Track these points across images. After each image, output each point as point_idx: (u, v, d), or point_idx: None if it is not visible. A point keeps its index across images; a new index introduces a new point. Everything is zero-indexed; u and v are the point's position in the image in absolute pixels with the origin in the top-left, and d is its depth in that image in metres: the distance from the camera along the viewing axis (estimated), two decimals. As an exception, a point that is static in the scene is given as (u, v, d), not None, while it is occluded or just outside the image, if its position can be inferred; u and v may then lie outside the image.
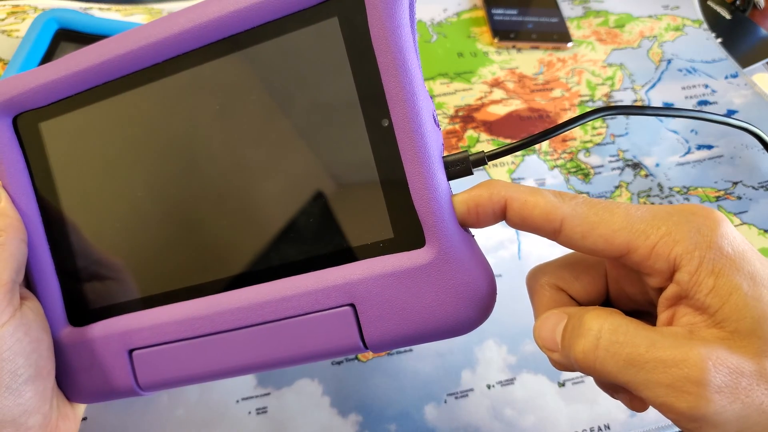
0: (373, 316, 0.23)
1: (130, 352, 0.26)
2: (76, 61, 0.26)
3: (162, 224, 0.26)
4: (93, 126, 0.26)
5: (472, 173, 0.24)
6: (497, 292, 0.24)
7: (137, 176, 0.26)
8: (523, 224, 0.22)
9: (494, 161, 0.44)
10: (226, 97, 0.25)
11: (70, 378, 0.27)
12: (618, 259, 0.21)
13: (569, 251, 0.24)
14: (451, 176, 0.23)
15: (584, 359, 0.21)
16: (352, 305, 0.23)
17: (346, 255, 0.24)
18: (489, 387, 0.35)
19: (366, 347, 0.24)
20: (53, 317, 0.27)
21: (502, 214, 0.23)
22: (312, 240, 0.24)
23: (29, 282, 0.27)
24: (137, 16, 0.50)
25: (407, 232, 0.23)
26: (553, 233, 0.22)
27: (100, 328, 0.26)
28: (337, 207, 0.24)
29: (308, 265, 0.24)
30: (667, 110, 0.25)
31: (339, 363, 0.35)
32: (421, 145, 0.22)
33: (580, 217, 0.21)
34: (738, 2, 0.60)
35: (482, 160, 0.24)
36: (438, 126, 0.24)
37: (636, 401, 0.22)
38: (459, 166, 0.23)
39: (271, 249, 0.25)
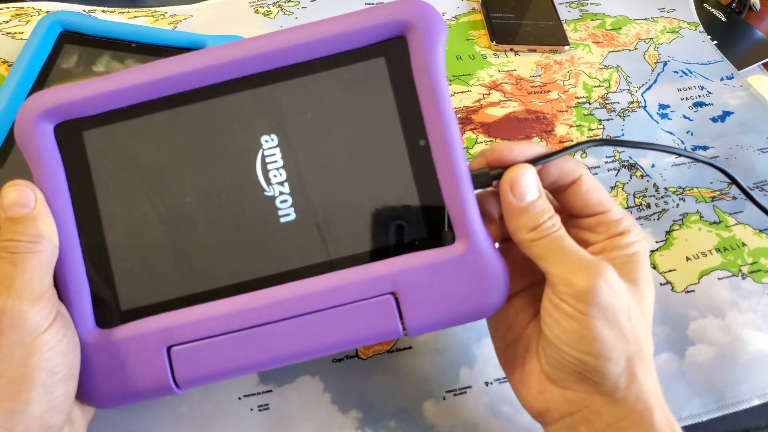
0: (413, 302, 0.27)
1: (169, 348, 0.27)
2: (131, 76, 0.27)
3: (205, 231, 0.28)
4: (140, 137, 0.28)
5: (491, 185, 0.28)
6: None
7: (182, 183, 0.28)
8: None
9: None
10: (281, 117, 0.28)
11: (92, 382, 0.27)
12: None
13: None
14: (475, 187, 0.27)
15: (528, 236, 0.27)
16: (394, 293, 0.27)
17: (386, 251, 0.28)
18: (487, 384, 0.35)
19: (404, 330, 0.27)
20: (80, 320, 0.27)
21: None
22: (356, 239, 0.28)
23: (56, 284, 0.27)
24: (140, 18, 0.50)
25: (439, 232, 0.27)
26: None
27: (133, 328, 0.27)
28: (379, 211, 0.28)
29: (352, 261, 0.27)
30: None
31: (339, 360, 0.35)
32: (454, 161, 0.27)
33: None
34: (733, 4, 0.61)
35: (500, 175, 0.28)
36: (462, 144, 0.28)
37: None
38: (482, 179, 0.28)
39: (318, 248, 0.28)
